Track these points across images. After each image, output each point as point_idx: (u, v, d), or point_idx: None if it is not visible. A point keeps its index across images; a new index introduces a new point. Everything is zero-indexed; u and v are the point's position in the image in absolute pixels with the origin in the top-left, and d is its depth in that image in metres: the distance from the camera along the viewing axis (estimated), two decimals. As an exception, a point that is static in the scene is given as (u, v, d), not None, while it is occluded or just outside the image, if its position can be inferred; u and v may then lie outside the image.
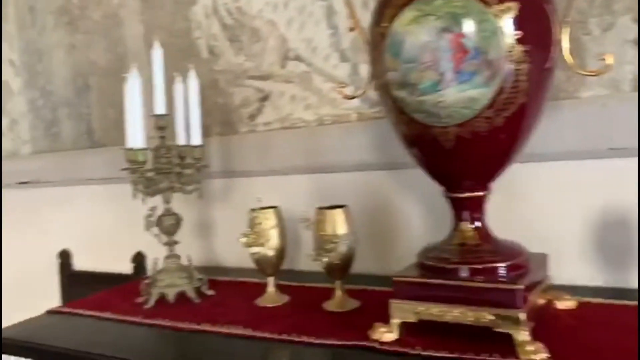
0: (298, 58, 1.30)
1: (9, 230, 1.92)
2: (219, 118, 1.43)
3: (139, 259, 1.59)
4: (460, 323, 0.78)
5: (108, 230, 1.67)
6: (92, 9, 1.64)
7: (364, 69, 1.21)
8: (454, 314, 0.78)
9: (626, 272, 0.99)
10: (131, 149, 1.10)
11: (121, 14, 1.58)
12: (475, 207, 0.84)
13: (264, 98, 1.36)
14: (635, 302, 0.88)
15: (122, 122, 1.05)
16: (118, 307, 1.12)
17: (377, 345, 0.81)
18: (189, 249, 1.24)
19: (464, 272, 0.80)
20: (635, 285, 0.96)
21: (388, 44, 0.77)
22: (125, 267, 1.62)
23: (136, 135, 1.07)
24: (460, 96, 0.73)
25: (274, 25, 1.32)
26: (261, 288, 1.13)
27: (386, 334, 0.82)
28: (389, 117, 0.85)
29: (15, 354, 1.03)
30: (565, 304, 0.89)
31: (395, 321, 0.83)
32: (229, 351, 0.89)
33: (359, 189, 1.22)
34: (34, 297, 1.83)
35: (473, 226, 0.84)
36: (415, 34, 0.74)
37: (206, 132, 1.26)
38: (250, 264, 1.37)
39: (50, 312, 1.16)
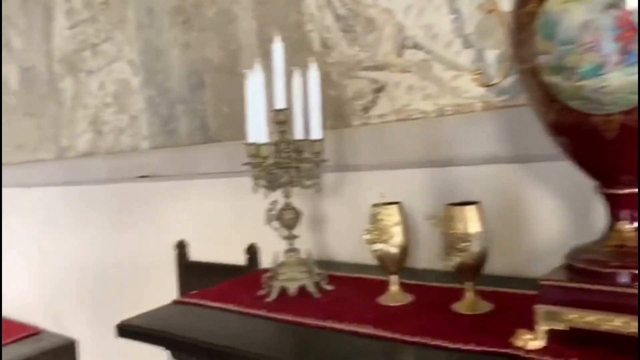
0: (416, 46, 1.25)
1: (128, 221, 2.04)
2: (331, 111, 1.41)
3: (252, 251, 1.62)
4: (619, 334, 0.70)
5: (222, 222, 1.71)
6: (206, 6, 1.68)
7: (491, 55, 1.13)
8: (615, 323, 0.70)
9: None
10: (253, 144, 1.11)
11: (234, 10, 1.60)
12: (636, 205, 0.75)
13: (379, 89, 1.32)
14: None
15: (236, 118, 1.06)
16: (240, 299, 1.13)
17: (522, 354, 0.75)
18: (303, 243, 1.23)
19: (623, 277, 0.72)
20: None
21: (539, 25, 0.70)
22: (238, 258, 1.65)
23: (258, 130, 1.08)
24: (627, 80, 0.65)
25: (390, 13, 1.28)
26: (381, 285, 1.10)
27: (531, 342, 0.76)
28: (534, 105, 0.78)
29: (145, 342, 1.07)
30: None
31: (542, 328, 0.76)
32: (357, 350, 0.86)
33: (484, 183, 1.15)
34: (153, 286, 1.94)
35: (633, 226, 0.75)
36: (573, 12, 0.66)
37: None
38: (364, 260, 1.35)
39: (176, 302, 1.19)
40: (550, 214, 1.09)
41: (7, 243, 2.69)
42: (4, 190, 2.65)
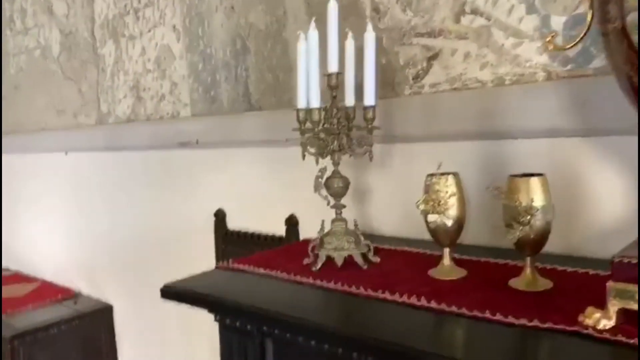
0: (475, 11, 1.18)
1: (167, 188, 2.04)
2: (380, 79, 1.36)
3: (292, 222, 1.60)
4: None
5: (261, 192, 1.69)
6: (252, -30, 1.63)
7: (557, 21, 1.06)
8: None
9: None
10: (303, 109, 1.07)
11: (282, -26, 1.56)
12: None
13: (433, 57, 1.27)
14: None
15: (279, 85, 1.02)
16: (285, 267, 1.11)
17: (594, 333, 0.71)
18: (346, 214, 1.19)
19: None
20: None
21: (634, -21, 0.64)
22: (277, 229, 1.64)
23: (310, 94, 1.04)
24: None
25: (449, -24, 1.22)
26: (430, 259, 1.07)
27: (603, 320, 0.72)
28: (619, 70, 0.72)
29: (190, 304, 1.06)
30: None
31: (614, 307, 0.71)
32: (412, 323, 0.83)
33: (543, 157, 1.09)
34: (190, 254, 1.94)
35: None
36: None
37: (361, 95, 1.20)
38: (409, 234, 1.32)
39: (220, 268, 1.18)
40: (614, 191, 1.03)
41: (45, 207, 2.74)
42: (43, 155, 2.68)
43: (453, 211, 0.97)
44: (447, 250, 1.00)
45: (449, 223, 0.97)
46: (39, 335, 2.18)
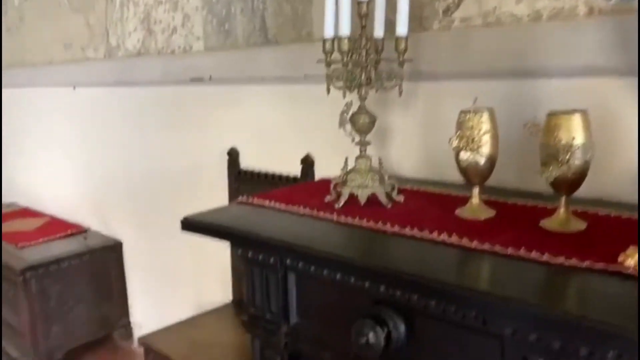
0: (515, -61, 1.11)
1: (179, 125, 2.00)
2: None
3: (307, 162, 1.57)
4: None
5: (277, 131, 1.66)
6: None
7: (607, -50, 1.00)
8: None
9: None
10: (330, 39, 1.02)
11: None
12: None
13: (465, -11, 1.20)
14: None
15: (298, 18, 0.96)
16: (307, 203, 1.09)
17: (634, 273, 0.69)
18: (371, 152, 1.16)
19: None
20: None
21: None
22: (292, 169, 1.61)
23: (339, 22, 0.99)
24: None
25: None
26: (456, 200, 1.04)
27: (642, 261, 0.69)
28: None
29: (211, 236, 1.05)
30: None
31: (656, 249, 0.69)
32: (441, 260, 0.82)
33: (580, 97, 1.04)
34: (201, 192, 1.93)
35: None
36: None
37: (389, 27, 1.14)
38: (432, 176, 1.29)
39: (240, 203, 1.16)
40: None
41: (54, 143, 2.71)
42: (51, 89, 2.63)
43: (486, 149, 0.93)
44: (476, 190, 0.97)
45: (482, 161, 0.94)
46: (51, 268, 2.20)
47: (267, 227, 1.00)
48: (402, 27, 1.01)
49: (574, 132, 0.83)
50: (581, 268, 0.72)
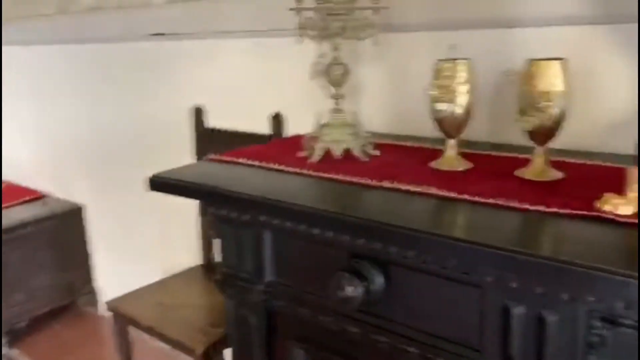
0: None
1: (140, 84, 1.92)
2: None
3: (277, 120, 1.52)
4: None
5: (245, 88, 1.60)
6: None
7: None
8: None
9: None
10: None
11: None
12: None
13: (440, -64, 1.16)
14: None
15: None
16: (280, 159, 1.06)
17: (615, 217, 0.69)
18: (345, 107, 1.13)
19: None
20: None
21: None
22: (261, 127, 1.56)
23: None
24: None
25: None
26: (432, 153, 1.03)
27: (622, 207, 0.70)
28: None
29: (184, 195, 1.01)
30: None
31: (635, 193, 0.69)
32: (420, 211, 0.80)
33: (559, 46, 1.03)
34: (165, 154, 1.87)
35: None
36: None
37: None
38: (405, 131, 1.28)
39: (210, 160, 1.12)
40: (630, 82, 0.99)
41: (5, 106, 2.57)
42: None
43: (464, 99, 0.92)
44: (452, 141, 0.96)
45: (458, 111, 0.92)
46: (10, 235, 2.12)
47: (240, 183, 0.96)
48: (376, -27, 0.97)
49: (553, 79, 0.82)
50: (560, 214, 0.72)
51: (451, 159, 0.96)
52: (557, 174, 0.87)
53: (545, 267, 0.63)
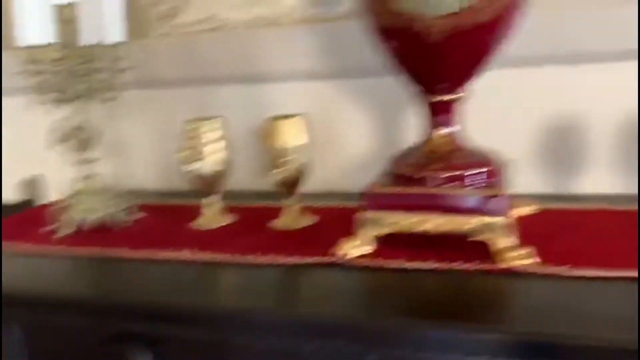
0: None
1: None
2: (128, 17, 1.22)
3: (32, 185, 1.37)
4: (439, 233, 0.73)
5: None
6: None
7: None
8: (428, 225, 0.73)
9: (575, 178, 1.00)
10: (34, 46, 0.89)
11: None
12: (452, 111, 0.79)
13: (182, -6, 1.17)
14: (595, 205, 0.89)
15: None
16: (22, 237, 0.95)
17: (343, 261, 0.74)
18: (103, 170, 1.07)
19: (440, 179, 0.75)
20: (583, 191, 0.99)
21: None
22: (16, 195, 1.39)
23: (38, 27, 0.87)
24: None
25: None
26: (197, 210, 1.01)
27: (355, 249, 0.76)
28: (365, 11, 0.75)
29: None
30: (525, 210, 0.88)
31: (368, 234, 0.76)
32: (174, 279, 0.78)
33: (305, 99, 1.11)
34: None
35: (447, 131, 0.79)
36: None
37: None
38: (175, 187, 1.25)
39: None
40: (365, 128, 1.11)
41: None
42: None
43: (216, 157, 0.92)
44: (208, 199, 0.96)
45: (208, 170, 0.92)
46: None
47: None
48: (114, 32, 0.94)
49: (291, 135, 0.87)
50: (301, 265, 0.75)
51: (211, 216, 0.96)
52: (311, 220, 0.92)
53: (294, 323, 0.64)
